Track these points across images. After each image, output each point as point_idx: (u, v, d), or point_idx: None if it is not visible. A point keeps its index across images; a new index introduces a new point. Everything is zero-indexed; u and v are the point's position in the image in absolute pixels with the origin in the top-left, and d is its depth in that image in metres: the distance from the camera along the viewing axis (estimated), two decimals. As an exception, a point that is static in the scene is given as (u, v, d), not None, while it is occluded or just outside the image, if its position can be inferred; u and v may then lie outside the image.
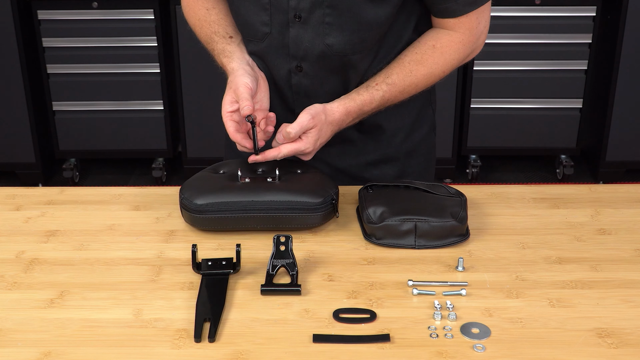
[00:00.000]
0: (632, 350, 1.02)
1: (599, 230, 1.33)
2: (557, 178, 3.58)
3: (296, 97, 1.44)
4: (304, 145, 1.33)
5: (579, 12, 3.26)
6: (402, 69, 1.39)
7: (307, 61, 1.39)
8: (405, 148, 1.53)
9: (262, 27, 1.38)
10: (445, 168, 3.52)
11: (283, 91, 1.45)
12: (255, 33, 1.39)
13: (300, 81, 1.41)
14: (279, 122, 1.40)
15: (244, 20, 1.40)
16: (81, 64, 3.34)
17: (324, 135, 1.36)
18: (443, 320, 1.09)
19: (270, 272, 1.17)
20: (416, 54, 1.40)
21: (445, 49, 1.40)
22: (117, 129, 3.46)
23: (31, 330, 1.07)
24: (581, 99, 3.40)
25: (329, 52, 1.36)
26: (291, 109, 1.46)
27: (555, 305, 1.12)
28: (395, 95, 1.40)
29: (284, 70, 1.41)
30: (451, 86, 3.34)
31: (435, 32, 1.41)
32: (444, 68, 1.41)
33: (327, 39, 1.35)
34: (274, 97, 1.45)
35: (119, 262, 1.24)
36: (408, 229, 1.27)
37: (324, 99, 1.40)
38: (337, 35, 1.35)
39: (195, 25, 1.50)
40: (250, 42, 1.42)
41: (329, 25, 1.34)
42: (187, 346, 1.03)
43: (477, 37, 1.41)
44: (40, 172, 3.48)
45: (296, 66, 1.40)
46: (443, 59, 1.40)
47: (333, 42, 1.35)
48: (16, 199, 1.46)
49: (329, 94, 1.42)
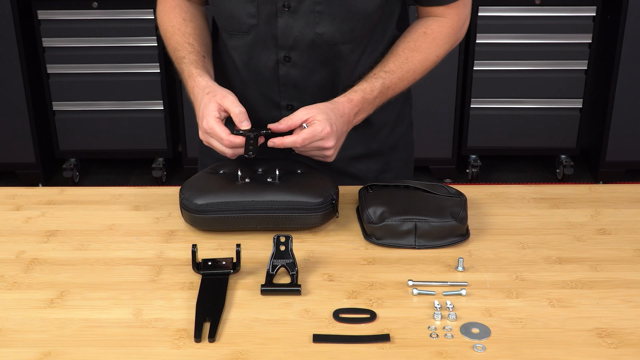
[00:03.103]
0: (632, 350, 1.02)
1: (599, 230, 1.33)
2: (557, 178, 3.58)
3: (283, 88, 1.44)
4: (320, 126, 1.29)
5: (579, 12, 3.26)
6: (397, 57, 1.42)
7: (296, 51, 1.39)
8: (389, 142, 1.54)
9: (249, 19, 1.38)
10: (445, 168, 3.52)
11: (269, 84, 1.44)
12: (241, 26, 1.39)
13: (289, 72, 1.42)
14: (264, 118, 1.41)
15: (229, 13, 1.39)
16: (81, 64, 3.34)
17: (335, 121, 1.32)
18: (443, 320, 1.09)
19: (270, 272, 1.17)
20: (409, 42, 1.44)
21: (437, 35, 1.44)
22: (117, 129, 3.46)
23: (31, 330, 1.07)
24: (581, 99, 3.40)
25: (319, 41, 1.38)
26: (276, 102, 1.46)
27: (555, 305, 1.12)
28: (395, 83, 1.42)
29: (271, 61, 1.41)
30: (451, 86, 3.34)
31: (424, 20, 1.46)
32: (438, 53, 1.45)
33: (317, 27, 1.36)
34: (257, 94, 1.45)
35: (119, 262, 1.24)
36: (408, 229, 1.27)
37: (312, 91, 1.42)
38: (327, 24, 1.36)
39: (168, 31, 1.48)
40: (234, 36, 1.42)
41: (319, 13, 1.35)
42: (187, 346, 1.03)
43: (464, 22, 1.49)
44: (40, 172, 3.48)
45: (284, 56, 1.40)
46: (435, 44, 1.44)
47: (324, 31, 1.37)
48: (16, 199, 1.46)
49: (317, 86, 1.42)
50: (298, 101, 1.45)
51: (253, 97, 1.47)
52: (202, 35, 1.47)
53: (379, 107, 1.43)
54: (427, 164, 3.54)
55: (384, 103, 1.43)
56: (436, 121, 3.42)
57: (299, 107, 1.36)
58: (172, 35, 1.47)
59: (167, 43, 1.48)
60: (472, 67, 3.34)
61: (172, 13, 1.48)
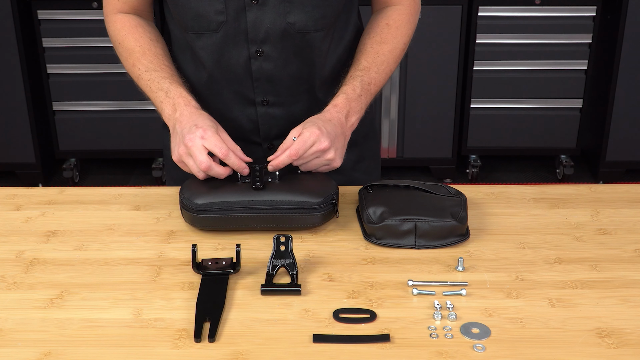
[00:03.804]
0: (632, 350, 1.02)
1: (599, 230, 1.33)
2: (557, 178, 3.58)
3: (257, 84, 1.44)
4: (307, 132, 1.31)
5: (579, 12, 3.26)
6: (367, 54, 1.45)
7: (268, 44, 1.39)
8: (362, 131, 1.54)
9: (217, 17, 1.38)
10: (445, 168, 3.52)
11: (242, 81, 1.44)
12: (209, 24, 1.39)
13: (261, 66, 1.42)
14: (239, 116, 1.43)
15: (195, 12, 1.38)
16: (81, 64, 3.34)
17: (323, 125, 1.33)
18: (443, 320, 1.09)
19: (270, 272, 1.17)
20: (374, 36, 1.46)
21: (399, 24, 1.47)
22: (117, 129, 3.46)
23: (31, 330, 1.07)
24: (581, 99, 3.40)
25: (291, 31, 1.38)
26: (251, 99, 1.46)
27: (555, 305, 1.12)
28: (373, 77, 1.43)
29: (243, 57, 1.41)
30: (451, 86, 3.35)
31: (383, 12, 1.49)
32: (404, 40, 1.49)
33: (288, 17, 1.37)
34: (230, 92, 1.45)
35: (119, 262, 1.24)
36: (408, 229, 1.27)
37: (287, 84, 1.43)
38: (298, 13, 1.37)
39: (135, 50, 1.44)
40: (202, 35, 1.40)
41: (289, 3, 1.36)
42: (187, 346, 1.03)
43: (419, 6, 1.51)
44: (40, 172, 3.48)
45: (256, 51, 1.40)
46: (400, 33, 1.47)
47: (295, 20, 1.37)
48: (16, 199, 1.46)
49: (292, 78, 1.43)
50: (273, 95, 1.45)
51: (226, 95, 1.46)
52: (171, 60, 1.47)
53: (368, 105, 1.44)
54: (427, 164, 3.54)
55: (372, 100, 1.45)
56: (436, 121, 3.42)
57: (275, 101, 1.41)
58: (142, 55, 1.44)
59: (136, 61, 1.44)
60: (472, 67, 3.34)
61: (135, 32, 1.46)
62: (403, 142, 3.47)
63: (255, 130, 1.50)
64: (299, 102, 1.47)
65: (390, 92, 3.36)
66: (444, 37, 3.26)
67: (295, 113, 1.47)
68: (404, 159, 3.51)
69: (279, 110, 1.47)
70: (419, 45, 3.21)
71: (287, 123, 1.45)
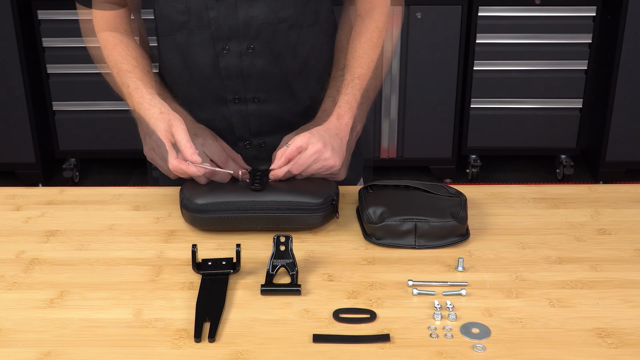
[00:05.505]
0: (632, 350, 1.02)
1: (599, 230, 1.33)
2: (557, 178, 3.58)
3: (227, 82, 1.43)
4: (300, 139, 1.30)
5: (579, 12, 3.26)
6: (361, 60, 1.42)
7: (234, 40, 1.38)
8: None
9: (179, 17, 1.39)
10: (445, 168, 3.52)
11: (211, 79, 1.43)
12: (172, 24, 1.41)
13: (229, 63, 1.41)
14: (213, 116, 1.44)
15: (160, 13, 1.42)
16: (81, 64, 3.33)
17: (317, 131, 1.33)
18: (443, 320, 1.09)
19: (270, 272, 1.17)
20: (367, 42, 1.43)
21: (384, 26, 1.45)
22: (117, 129, 3.45)
23: (31, 330, 1.07)
24: (581, 99, 3.40)
25: (254, 24, 1.37)
26: (222, 97, 1.45)
27: (555, 305, 1.12)
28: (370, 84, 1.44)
29: (210, 56, 1.41)
30: (451, 86, 3.34)
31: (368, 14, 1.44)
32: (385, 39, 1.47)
33: (251, 10, 1.36)
34: (202, 92, 1.45)
35: (119, 262, 1.24)
36: (408, 229, 1.27)
37: (257, 79, 1.42)
38: (260, 5, 1.36)
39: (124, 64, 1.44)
40: (168, 36, 1.43)
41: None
42: (187, 346, 1.03)
43: None
44: (40, 172, 3.48)
45: (222, 48, 1.39)
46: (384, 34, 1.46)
47: (258, 13, 1.37)
48: (16, 199, 1.46)
49: (262, 73, 1.41)
50: (245, 92, 1.44)
51: (197, 95, 1.46)
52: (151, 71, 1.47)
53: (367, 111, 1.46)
54: (427, 164, 3.54)
55: (370, 106, 1.47)
56: (436, 121, 3.42)
57: (246, 98, 1.42)
58: (133, 68, 1.43)
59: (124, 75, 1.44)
60: (472, 67, 3.34)
61: (120, 48, 1.47)
62: (403, 142, 3.46)
63: (230, 128, 1.48)
64: (272, 97, 1.45)
65: (390, 92, 3.36)
66: (444, 37, 3.26)
67: (269, 108, 1.46)
68: (404, 159, 3.51)
69: (252, 107, 1.46)
70: (419, 45, 3.21)
71: (262, 119, 1.45)
